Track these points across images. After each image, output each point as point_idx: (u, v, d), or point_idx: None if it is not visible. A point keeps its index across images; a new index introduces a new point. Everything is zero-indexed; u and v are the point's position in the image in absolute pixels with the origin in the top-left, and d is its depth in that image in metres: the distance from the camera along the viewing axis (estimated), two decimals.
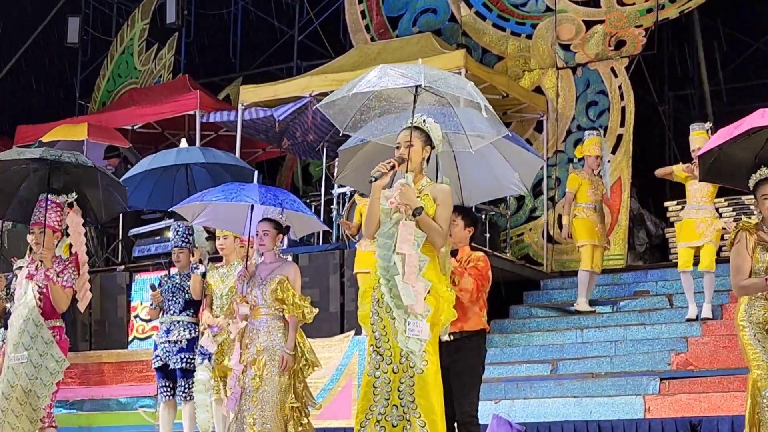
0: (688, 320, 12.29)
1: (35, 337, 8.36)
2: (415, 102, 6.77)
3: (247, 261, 8.96)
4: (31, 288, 8.48)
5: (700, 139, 12.29)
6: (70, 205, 8.65)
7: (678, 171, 12.52)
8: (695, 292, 12.25)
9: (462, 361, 7.50)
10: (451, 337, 7.41)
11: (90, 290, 8.81)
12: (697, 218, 12.30)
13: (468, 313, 7.54)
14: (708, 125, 12.40)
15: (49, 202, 8.55)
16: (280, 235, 8.81)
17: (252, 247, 9.02)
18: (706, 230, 12.20)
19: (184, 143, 12.30)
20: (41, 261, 8.53)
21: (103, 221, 9.82)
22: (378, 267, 6.61)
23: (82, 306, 8.81)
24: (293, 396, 8.56)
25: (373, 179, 6.66)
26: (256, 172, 9.98)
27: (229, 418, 8.89)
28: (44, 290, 8.50)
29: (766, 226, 7.19)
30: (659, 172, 12.94)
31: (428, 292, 6.53)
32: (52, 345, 8.39)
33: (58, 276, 8.51)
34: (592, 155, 13.41)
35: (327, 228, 10.14)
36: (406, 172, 6.65)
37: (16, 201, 9.08)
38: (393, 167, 6.68)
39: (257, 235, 8.71)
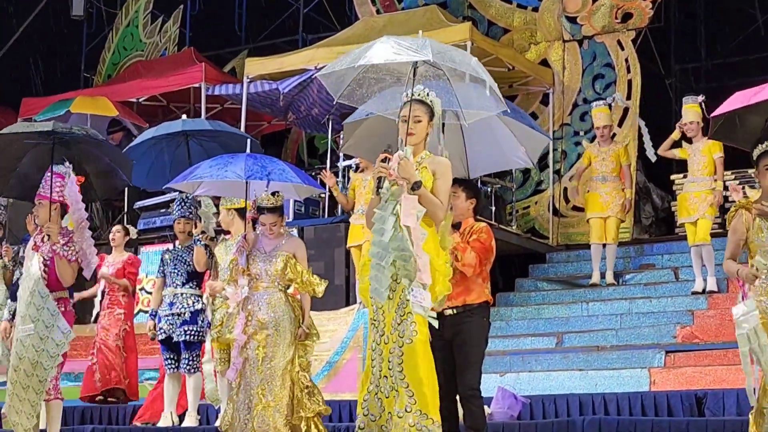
0: (693, 293, 12.29)
1: (41, 309, 8.32)
2: (414, 75, 6.67)
3: (245, 232, 8.98)
4: (36, 259, 8.46)
5: (692, 112, 12.29)
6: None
7: (673, 147, 12.62)
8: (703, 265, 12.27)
9: (465, 334, 7.42)
10: (454, 311, 7.37)
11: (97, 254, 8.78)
12: (691, 192, 12.31)
13: (471, 286, 7.46)
14: (701, 98, 12.36)
15: (54, 176, 8.51)
16: (283, 215, 8.87)
17: (250, 213, 9.08)
18: (700, 204, 12.19)
19: (184, 118, 12.29)
20: (48, 235, 8.52)
21: (100, 198, 9.76)
22: (372, 242, 6.54)
23: (87, 273, 8.80)
24: (297, 363, 8.64)
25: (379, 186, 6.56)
26: (248, 140, 9.86)
27: (230, 388, 8.91)
28: (49, 262, 8.49)
29: (766, 199, 7.13)
30: (662, 150, 12.90)
31: None
32: (58, 316, 8.34)
33: (62, 248, 8.49)
34: (599, 127, 13.42)
35: (322, 190, 10.01)
36: (405, 145, 6.57)
37: (15, 177, 9.03)
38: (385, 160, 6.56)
39: (264, 225, 8.73)
